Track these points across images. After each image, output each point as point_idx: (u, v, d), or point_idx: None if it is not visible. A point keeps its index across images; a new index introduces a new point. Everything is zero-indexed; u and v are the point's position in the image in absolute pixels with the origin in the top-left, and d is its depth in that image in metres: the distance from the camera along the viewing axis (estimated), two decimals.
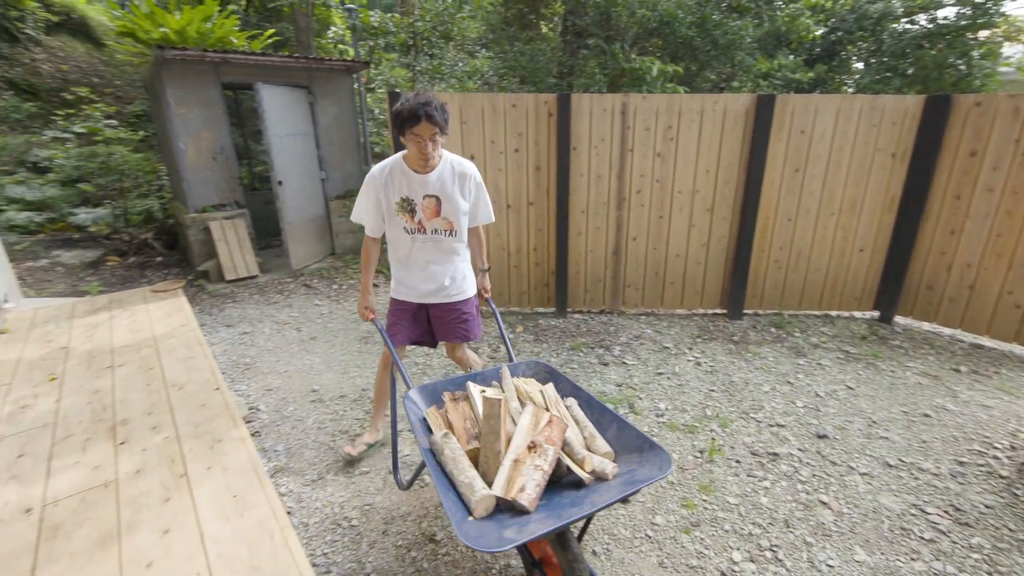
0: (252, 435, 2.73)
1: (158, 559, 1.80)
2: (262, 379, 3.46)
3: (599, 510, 1.43)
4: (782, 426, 2.96)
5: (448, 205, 2.21)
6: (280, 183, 5.39)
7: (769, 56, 9.88)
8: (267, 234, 6.94)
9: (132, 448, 2.41)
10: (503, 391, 1.90)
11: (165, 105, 5.19)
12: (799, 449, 2.75)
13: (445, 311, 2.41)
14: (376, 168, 2.18)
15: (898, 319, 4.43)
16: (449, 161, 2.22)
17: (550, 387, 1.95)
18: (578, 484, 1.62)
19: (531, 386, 1.94)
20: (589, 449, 1.71)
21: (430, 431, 1.77)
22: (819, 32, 10.07)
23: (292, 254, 5.69)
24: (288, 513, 2.22)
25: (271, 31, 8.02)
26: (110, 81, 9.52)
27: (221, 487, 2.15)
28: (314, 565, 1.99)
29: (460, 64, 9.47)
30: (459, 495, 1.51)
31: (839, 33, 9.69)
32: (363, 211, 2.26)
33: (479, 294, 2.53)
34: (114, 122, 6.62)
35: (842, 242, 4.31)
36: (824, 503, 2.37)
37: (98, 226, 6.39)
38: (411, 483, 2.11)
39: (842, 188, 4.17)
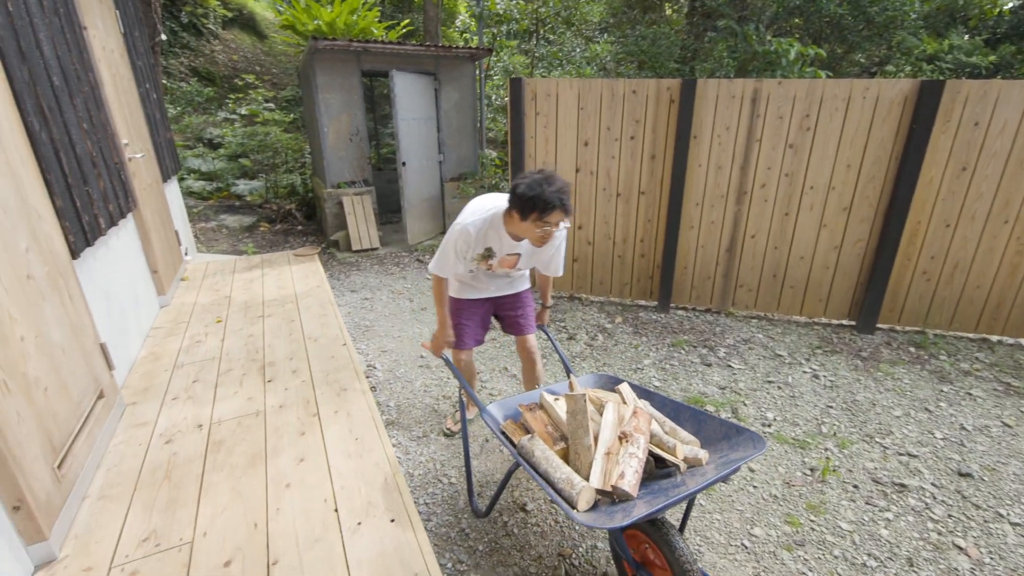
0: (370, 389, 3.05)
1: (295, 482, 2.11)
2: (379, 341, 3.82)
3: (705, 487, 1.41)
4: (914, 456, 2.64)
5: (526, 261, 2.21)
6: (404, 164, 5.81)
7: (938, 36, 8.52)
8: (387, 210, 7.55)
9: (277, 386, 2.81)
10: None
11: (314, 90, 5.82)
12: (933, 484, 2.45)
13: (509, 302, 2.45)
14: (471, 227, 2.02)
15: None
16: None
17: (625, 386, 1.95)
18: (669, 476, 1.63)
19: (601, 393, 1.94)
20: None
21: (512, 445, 1.80)
22: (1008, 6, 8.45)
23: (409, 230, 6.13)
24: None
25: (406, 21, 8.58)
26: (268, 69, 10.84)
27: (345, 429, 2.44)
28: (418, 512, 2.19)
29: (578, 50, 9.39)
30: (558, 491, 1.52)
31: None
32: (448, 266, 2.13)
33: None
34: (271, 105, 7.56)
35: (1016, 256, 3.66)
36: (960, 548, 2.10)
37: (253, 196, 7.39)
38: (489, 510, 2.05)
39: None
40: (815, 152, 3.80)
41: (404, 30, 8.50)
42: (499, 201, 2.06)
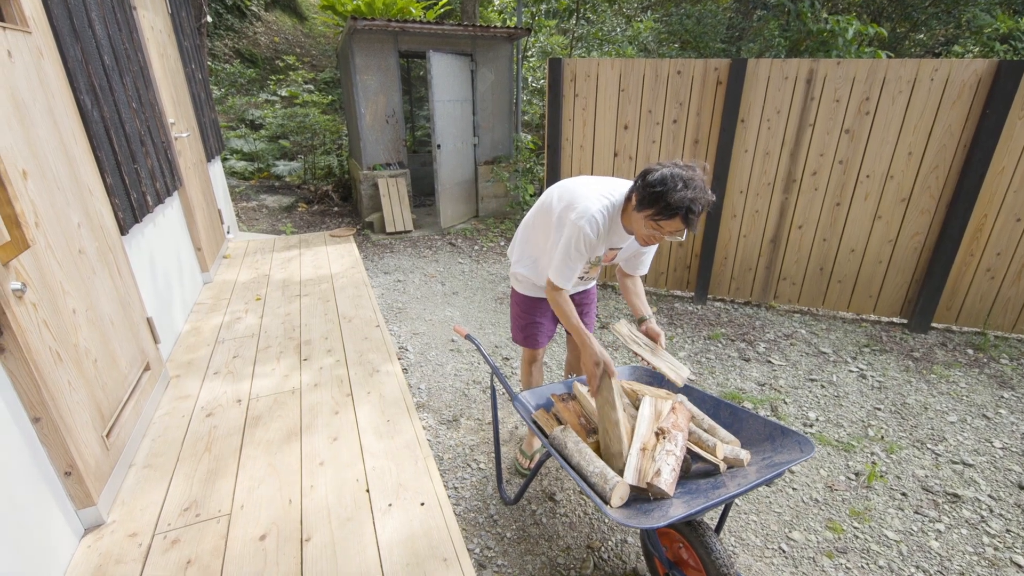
0: (402, 371, 3.07)
1: (328, 460, 2.15)
2: (411, 324, 3.85)
3: (747, 490, 1.35)
4: (970, 465, 2.48)
5: (622, 255, 1.97)
6: (439, 146, 5.78)
7: (1014, 12, 7.84)
8: (420, 193, 7.57)
9: (312, 365, 2.86)
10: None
11: (352, 72, 5.83)
12: (991, 496, 2.30)
13: (577, 299, 2.24)
14: (596, 227, 1.68)
15: None
16: None
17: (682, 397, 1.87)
18: (708, 475, 1.56)
19: (636, 386, 1.88)
20: None
21: (543, 433, 1.76)
22: None
23: (442, 213, 6.12)
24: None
25: (444, 0, 8.47)
26: (308, 51, 10.95)
27: (377, 410, 2.47)
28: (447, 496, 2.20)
29: (618, 29, 9.10)
30: (591, 485, 1.49)
31: None
32: (577, 270, 1.77)
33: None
34: (311, 87, 7.63)
35: None
36: (1019, 565, 1.96)
37: (292, 177, 7.53)
38: (518, 498, 2.03)
39: None
40: (873, 138, 3.57)
41: (442, 9, 8.41)
42: (607, 185, 1.77)
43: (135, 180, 2.66)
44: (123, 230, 2.44)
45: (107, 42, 2.51)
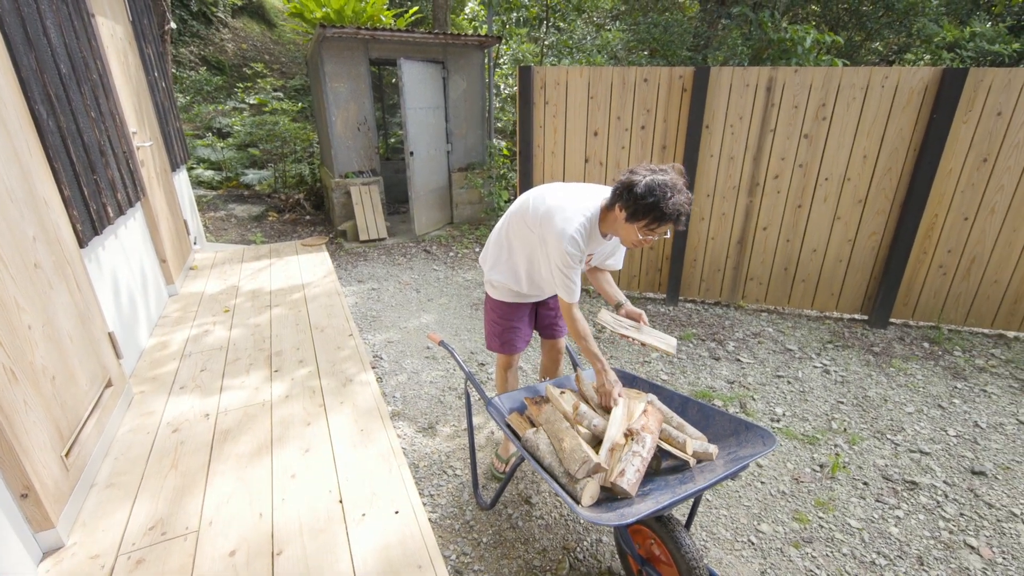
0: (376, 380, 3.05)
1: (300, 472, 2.12)
2: (385, 332, 3.82)
3: (712, 484, 1.39)
4: (926, 453, 2.60)
5: (597, 258, 2.01)
6: (412, 154, 5.77)
7: (960, 23, 8.30)
8: (394, 201, 7.53)
9: (283, 377, 2.82)
10: (582, 393, 1.92)
11: (322, 79, 5.78)
12: (945, 483, 2.41)
13: (552, 302, 2.28)
14: (578, 238, 1.72)
15: None
16: None
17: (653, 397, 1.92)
18: (677, 470, 1.61)
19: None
20: None
21: (516, 437, 1.79)
22: None
23: (416, 221, 6.11)
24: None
25: (415, 9, 8.49)
26: (277, 58, 10.81)
27: (351, 420, 2.45)
28: (422, 503, 2.19)
29: (588, 38, 9.26)
30: (562, 486, 1.52)
31: None
32: (580, 282, 1.83)
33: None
34: (280, 95, 7.53)
35: None
36: (972, 547, 2.06)
37: (262, 186, 7.40)
38: (494, 503, 2.08)
39: None
40: (831, 142, 3.72)
41: (412, 18, 8.42)
42: (582, 196, 1.80)
43: (94, 191, 2.59)
44: (82, 243, 2.37)
45: (63, 50, 2.44)
